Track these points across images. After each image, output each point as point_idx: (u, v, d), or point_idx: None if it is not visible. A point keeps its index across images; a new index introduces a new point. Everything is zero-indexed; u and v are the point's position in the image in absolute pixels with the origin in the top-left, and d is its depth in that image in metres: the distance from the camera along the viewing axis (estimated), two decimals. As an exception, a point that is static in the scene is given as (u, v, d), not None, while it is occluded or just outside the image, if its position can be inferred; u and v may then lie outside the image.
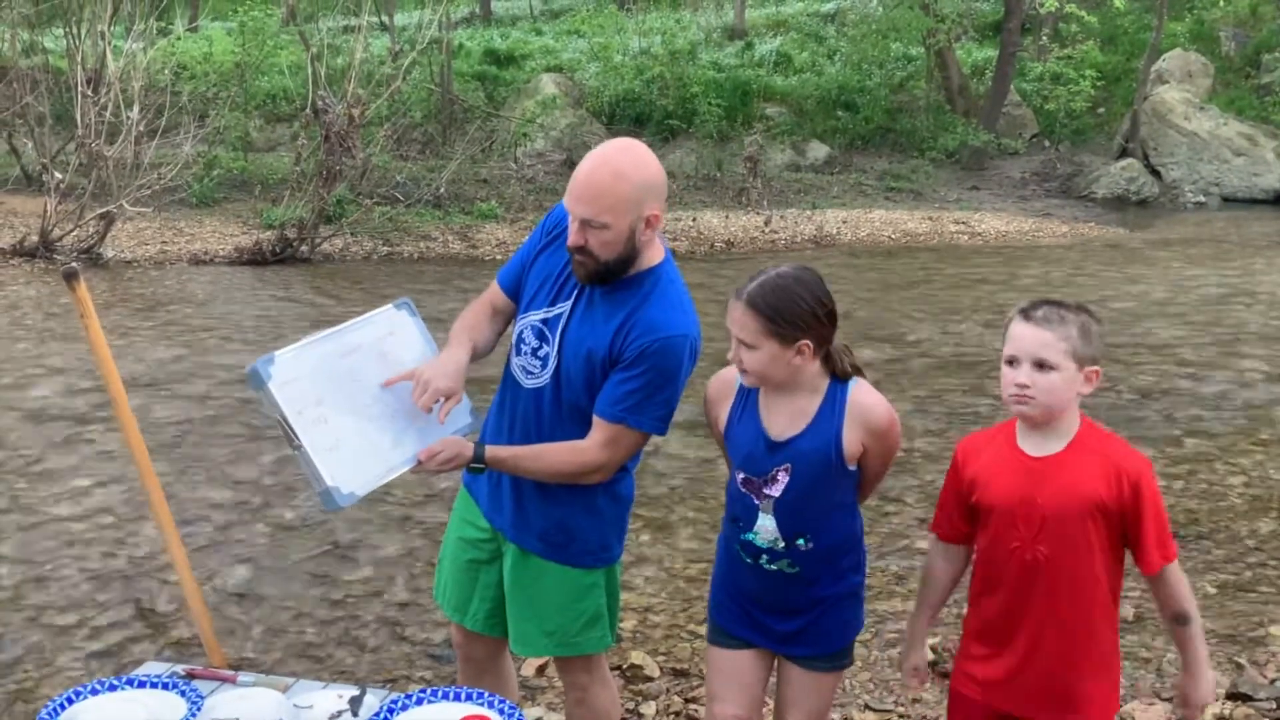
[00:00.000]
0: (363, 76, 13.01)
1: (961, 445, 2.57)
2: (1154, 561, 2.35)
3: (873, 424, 2.50)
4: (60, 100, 13.42)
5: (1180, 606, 2.39)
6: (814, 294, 2.43)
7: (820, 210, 15.84)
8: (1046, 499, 2.35)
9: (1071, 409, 2.37)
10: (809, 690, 2.67)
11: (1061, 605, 2.39)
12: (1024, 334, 2.34)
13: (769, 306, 2.39)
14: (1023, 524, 2.37)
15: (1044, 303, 2.38)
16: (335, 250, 12.32)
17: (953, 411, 7.18)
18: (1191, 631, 2.40)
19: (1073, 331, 2.31)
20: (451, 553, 2.86)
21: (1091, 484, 2.32)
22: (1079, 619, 2.40)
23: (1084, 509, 2.32)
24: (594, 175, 2.43)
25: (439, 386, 2.51)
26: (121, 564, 4.75)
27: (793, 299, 2.40)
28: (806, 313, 2.41)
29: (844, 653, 2.71)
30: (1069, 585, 2.37)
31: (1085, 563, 2.35)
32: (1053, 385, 2.31)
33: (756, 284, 2.41)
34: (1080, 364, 2.32)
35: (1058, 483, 2.34)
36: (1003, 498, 2.41)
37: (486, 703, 2.39)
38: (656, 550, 5.01)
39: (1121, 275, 12.43)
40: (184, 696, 2.37)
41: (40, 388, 7.07)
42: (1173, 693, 3.87)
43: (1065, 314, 2.34)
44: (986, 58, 22.45)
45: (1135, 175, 19.31)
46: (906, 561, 4.95)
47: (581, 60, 21.21)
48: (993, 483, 2.44)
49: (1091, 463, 2.34)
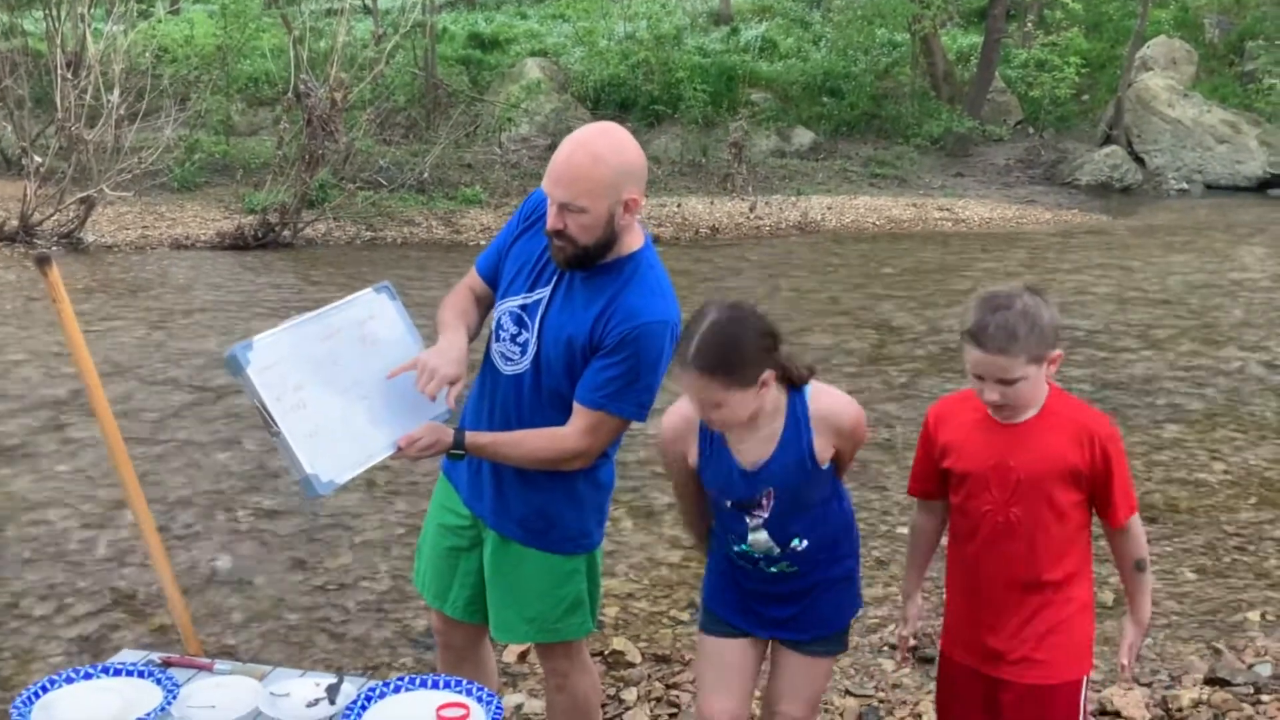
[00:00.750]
0: (345, 60, 12.92)
1: (932, 410, 2.63)
2: (1120, 515, 2.45)
3: (841, 426, 2.51)
4: (40, 83, 13.31)
5: (1141, 553, 2.52)
6: (754, 329, 2.36)
7: (805, 196, 15.83)
8: (1020, 463, 2.42)
9: (1044, 388, 2.45)
10: (804, 676, 2.68)
11: (1032, 565, 2.46)
12: (980, 360, 2.36)
13: (722, 363, 2.31)
14: (996, 488, 2.44)
15: (991, 315, 2.33)
16: (318, 235, 12.25)
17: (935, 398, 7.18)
18: (1147, 578, 2.54)
19: (1028, 343, 2.32)
20: (431, 540, 2.85)
21: (1063, 448, 2.40)
22: (1044, 576, 2.47)
23: (1058, 472, 2.40)
24: (572, 159, 2.41)
25: (446, 373, 2.49)
26: (102, 551, 4.72)
27: (738, 345, 2.32)
28: (757, 350, 2.35)
29: (840, 636, 2.73)
30: (1040, 545, 2.45)
31: (1056, 523, 2.44)
32: (1021, 391, 2.39)
33: (695, 347, 2.31)
34: (1041, 362, 2.37)
35: (1031, 447, 2.42)
36: (976, 463, 2.48)
37: (465, 690, 2.38)
38: (638, 537, 5.01)
39: (1104, 262, 12.46)
40: (160, 685, 2.36)
41: (20, 373, 7.02)
42: (1151, 678, 3.90)
43: (1015, 327, 2.31)
44: (971, 44, 22.45)
45: (1119, 162, 19.36)
46: (889, 547, 4.96)
47: (566, 45, 21.11)
48: (965, 448, 2.50)
49: (1063, 427, 2.42)
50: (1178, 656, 4.06)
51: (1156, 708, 3.68)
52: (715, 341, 2.31)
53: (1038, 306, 2.35)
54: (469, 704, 2.33)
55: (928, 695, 3.71)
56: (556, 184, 2.42)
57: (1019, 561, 2.47)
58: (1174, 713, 3.66)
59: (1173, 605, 4.45)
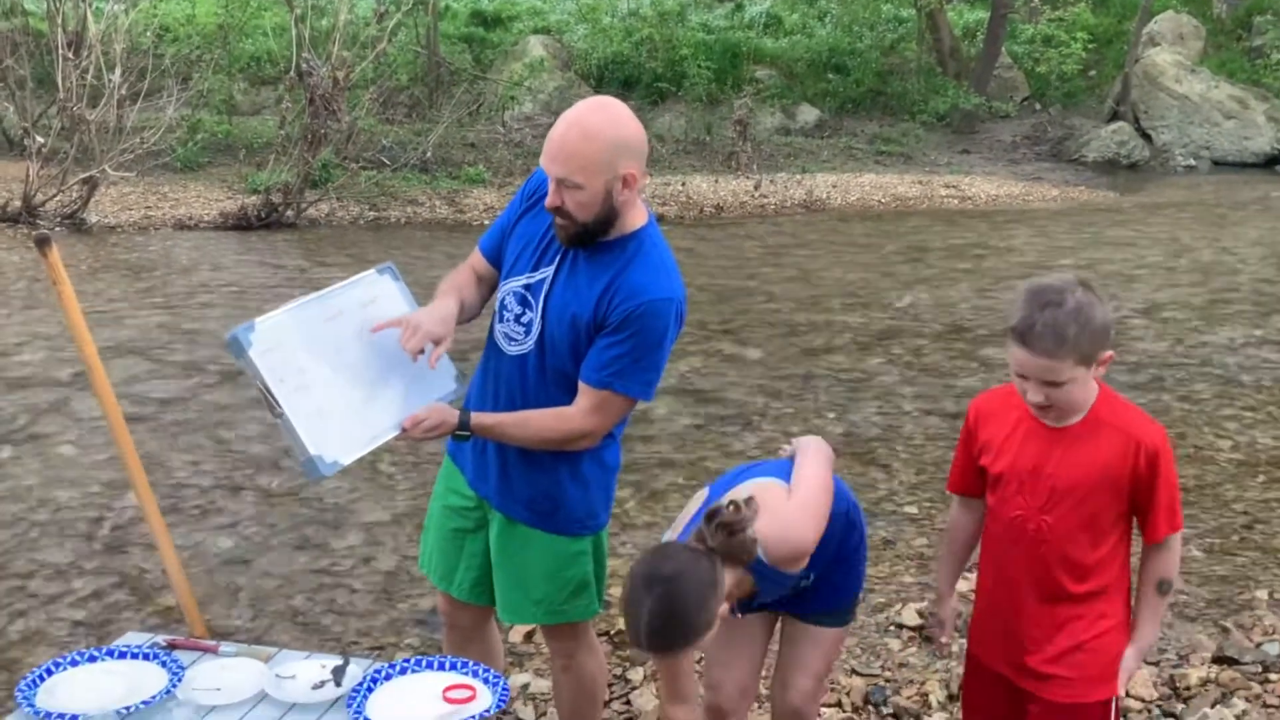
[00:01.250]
0: (348, 38, 12.83)
1: (975, 405, 2.52)
2: (1160, 531, 2.33)
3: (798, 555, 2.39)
4: (41, 63, 13.22)
5: (1170, 574, 2.38)
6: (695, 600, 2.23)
7: (810, 174, 15.75)
8: (1057, 469, 2.31)
9: (1094, 389, 2.32)
10: (814, 648, 2.68)
11: (1063, 576, 2.35)
12: (1025, 361, 2.22)
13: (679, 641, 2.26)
14: (1029, 493, 2.34)
15: (1039, 313, 2.19)
16: (321, 215, 12.21)
17: (941, 378, 7.17)
18: (1164, 603, 2.42)
19: (1078, 344, 2.18)
20: (437, 521, 2.84)
21: (1106, 457, 2.27)
22: (1074, 590, 2.36)
23: (1096, 482, 2.28)
24: (566, 135, 2.39)
25: (429, 330, 2.47)
26: (107, 532, 4.72)
27: (686, 626, 2.24)
28: (705, 615, 2.25)
29: (850, 609, 2.73)
30: (1073, 557, 2.34)
31: (1092, 535, 2.32)
32: (1068, 394, 2.26)
33: (645, 637, 2.24)
34: (1091, 363, 2.23)
35: (1072, 455, 2.30)
36: (1011, 465, 2.38)
37: (471, 672, 2.38)
38: (643, 517, 5.00)
39: (1111, 239, 12.40)
40: (165, 667, 2.35)
41: (25, 354, 7.01)
42: (1159, 657, 3.89)
43: (1064, 327, 2.17)
44: (978, 19, 22.28)
45: (1126, 139, 19.23)
46: (895, 527, 4.96)
47: (570, 22, 20.97)
48: (1003, 448, 2.40)
49: (1108, 435, 2.28)
50: (1186, 635, 4.05)
51: (1164, 686, 3.67)
52: (662, 630, 2.22)
53: (1090, 304, 2.20)
54: (475, 685, 2.33)
55: (935, 675, 3.70)
56: (552, 161, 2.40)
57: (1049, 572, 2.36)
58: (1182, 691, 3.65)
59: (1179, 584, 4.43)
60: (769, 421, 6.28)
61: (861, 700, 3.59)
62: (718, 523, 2.30)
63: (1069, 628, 2.37)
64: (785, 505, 2.39)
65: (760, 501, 2.37)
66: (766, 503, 2.37)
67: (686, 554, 2.28)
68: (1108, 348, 2.25)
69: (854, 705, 3.57)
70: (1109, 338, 2.25)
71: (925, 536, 4.86)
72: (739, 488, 2.51)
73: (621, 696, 3.59)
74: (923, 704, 3.57)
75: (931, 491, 5.35)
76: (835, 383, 7.03)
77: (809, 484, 2.45)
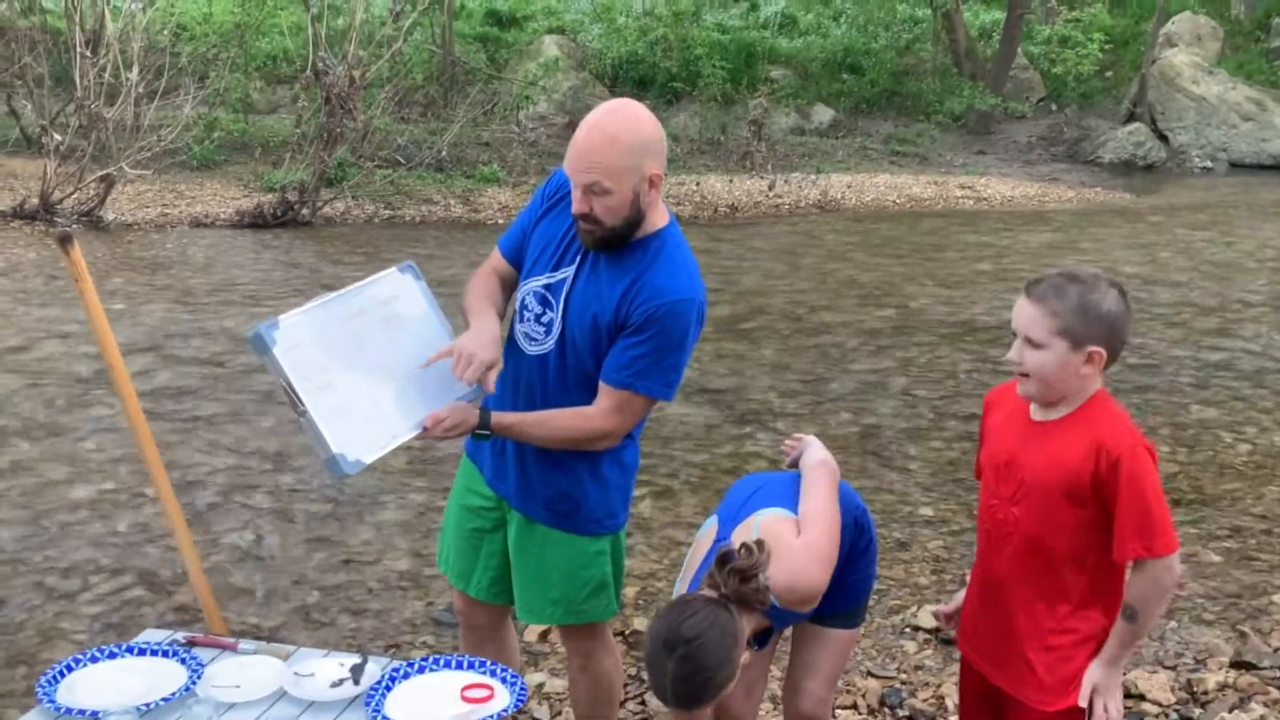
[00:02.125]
0: (363, 37, 12.86)
1: (989, 394, 2.53)
2: (1127, 550, 2.20)
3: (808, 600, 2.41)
4: (59, 61, 13.28)
5: (1135, 601, 2.22)
6: (717, 656, 2.24)
7: (825, 174, 15.72)
8: (1028, 463, 2.29)
9: (1080, 385, 2.26)
10: (826, 649, 2.68)
11: (1024, 572, 2.32)
12: (1019, 308, 2.25)
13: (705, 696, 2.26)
14: (1004, 483, 2.34)
15: (1056, 275, 2.24)
16: (336, 213, 12.25)
17: (955, 379, 7.15)
18: (1129, 630, 2.24)
19: (1067, 308, 2.18)
20: (454, 521, 2.84)
21: (1071, 457, 2.22)
22: (1040, 591, 2.31)
23: (1060, 481, 2.24)
24: (589, 141, 2.39)
25: (483, 358, 2.46)
26: (124, 529, 4.74)
27: (709, 682, 2.24)
28: (727, 668, 2.25)
29: (860, 610, 2.72)
30: (1034, 554, 2.30)
31: (1056, 536, 2.27)
32: (1041, 363, 2.22)
33: (671, 695, 2.25)
34: (1075, 343, 2.19)
35: (1042, 450, 2.28)
36: (994, 454, 2.39)
37: (489, 671, 2.38)
38: (658, 517, 5.00)
39: (1127, 241, 12.35)
40: (184, 665, 2.36)
41: (42, 351, 7.04)
42: (1176, 661, 3.87)
43: (1067, 289, 2.19)
44: (994, 20, 22.22)
45: (1142, 140, 19.15)
46: (910, 529, 4.94)
47: (584, 21, 20.98)
48: (993, 437, 2.43)
49: (1079, 435, 2.23)
50: (1202, 640, 4.03)
51: (1181, 690, 3.66)
52: (687, 690, 2.23)
53: (1104, 295, 2.20)
54: (493, 685, 2.33)
55: (950, 677, 3.69)
56: (577, 168, 2.40)
57: (1019, 568, 2.32)
58: (1199, 696, 3.63)
59: (1197, 588, 4.42)
60: (783, 421, 6.27)
61: (877, 702, 3.58)
62: (730, 569, 2.30)
63: (1038, 629, 2.33)
64: (795, 551, 2.38)
65: (770, 545, 2.36)
66: (776, 548, 2.36)
67: (704, 609, 2.25)
68: (1100, 344, 2.20)
69: (869, 707, 3.57)
70: (1106, 335, 2.21)
71: (941, 539, 4.85)
72: (747, 524, 2.49)
73: (636, 696, 3.59)
74: (939, 707, 3.56)
75: (947, 493, 5.33)
76: (849, 383, 7.01)
77: (817, 523, 2.45)
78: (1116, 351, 2.25)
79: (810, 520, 2.46)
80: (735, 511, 2.59)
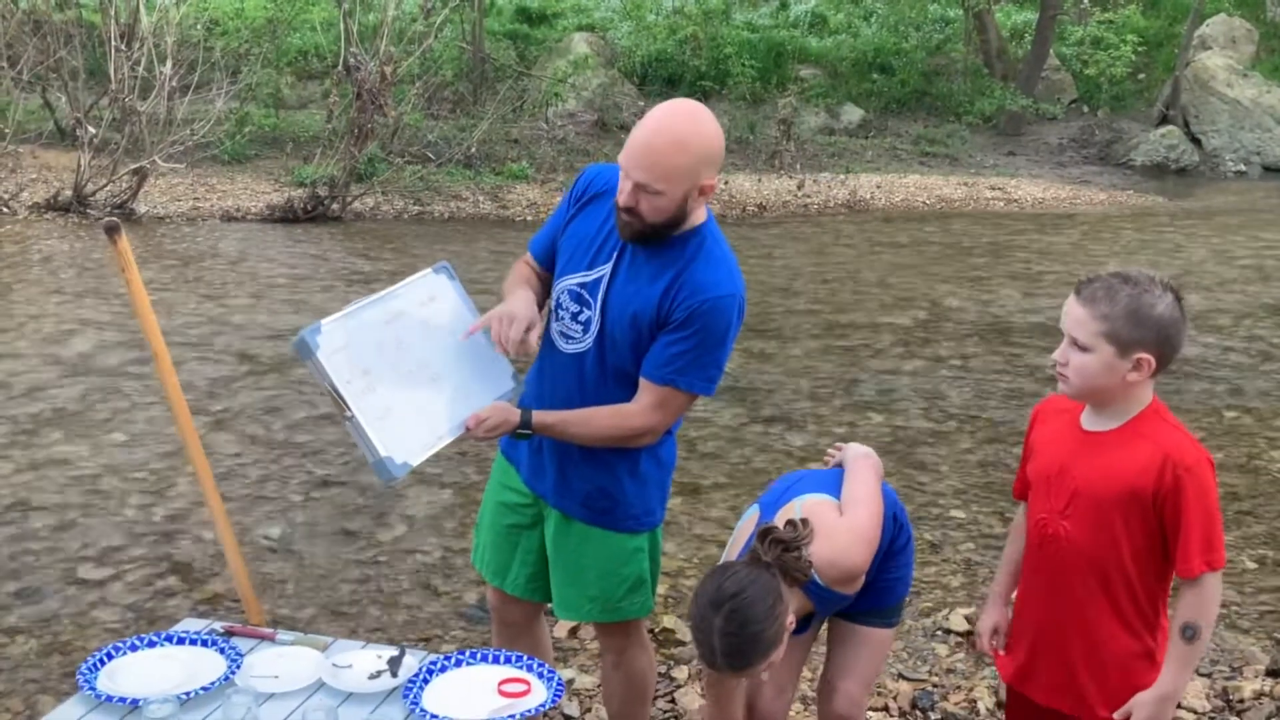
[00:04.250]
0: (394, 34, 12.90)
1: (1037, 407, 2.48)
2: (1193, 565, 2.14)
3: (851, 575, 2.42)
4: (94, 55, 13.39)
5: (1196, 619, 2.16)
6: (763, 614, 2.28)
7: (854, 174, 15.66)
8: (1081, 474, 2.23)
9: (1128, 392, 2.20)
10: (862, 648, 2.66)
11: (1076, 588, 2.26)
12: (1068, 307, 2.20)
13: (754, 657, 2.29)
14: (1054, 495, 2.28)
15: (1109, 275, 2.18)
16: (366, 209, 12.30)
17: (986, 381, 7.10)
18: (1190, 651, 2.17)
19: (1115, 311, 2.12)
20: (490, 518, 2.84)
21: (1131, 469, 2.16)
22: (1092, 608, 2.26)
23: (1117, 494, 2.17)
24: (655, 141, 2.35)
25: (524, 316, 2.47)
26: (157, 518, 4.77)
27: (757, 639, 2.29)
28: (773, 629, 2.30)
29: (896, 610, 2.71)
30: (1087, 569, 2.24)
31: (1109, 550, 2.21)
32: (1084, 366, 2.17)
33: (721, 654, 2.28)
34: (1121, 348, 2.13)
35: (1098, 461, 2.21)
36: (1044, 465, 2.33)
37: (525, 666, 2.38)
38: (688, 515, 5.00)
39: (1160, 244, 12.24)
40: (223, 654, 2.37)
41: (76, 341, 7.10)
42: (1212, 669, 3.83)
43: (1119, 291, 2.13)
44: (1026, 20, 22.05)
45: (1175, 143, 18.97)
46: (941, 531, 4.91)
47: (614, 19, 20.97)
48: (1043, 449, 2.37)
49: (1140, 447, 2.17)
50: (1238, 647, 3.98)
51: (1217, 699, 3.62)
52: (736, 646, 2.26)
53: (1158, 299, 2.14)
54: (530, 679, 2.33)
55: (983, 681, 3.67)
56: (637, 165, 2.36)
57: (1069, 583, 2.26)
58: (1235, 704, 3.59)
59: (1233, 595, 4.36)
60: (813, 421, 6.25)
61: (909, 705, 3.56)
62: (772, 539, 2.33)
63: (1092, 646, 2.28)
64: (837, 529, 2.40)
65: (813, 523, 2.39)
66: (819, 526, 2.39)
67: (747, 569, 2.31)
68: (1150, 351, 2.14)
69: (901, 710, 3.55)
70: (1157, 341, 2.14)
71: (973, 541, 4.82)
72: (791, 505, 2.51)
73: (666, 695, 3.58)
74: (971, 710, 3.54)
75: (978, 495, 5.30)
76: (879, 383, 6.98)
77: (860, 505, 2.46)
78: (1167, 359, 2.19)
79: (853, 503, 2.48)
80: (777, 498, 2.60)
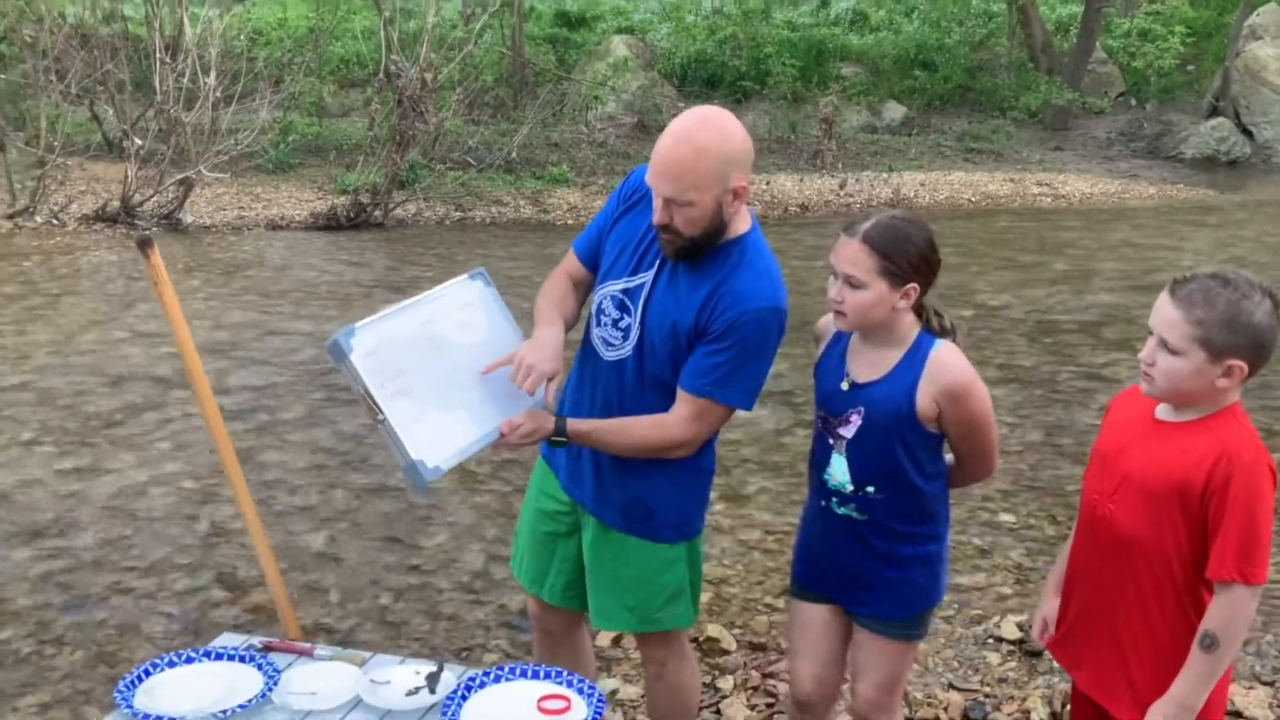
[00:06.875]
0: (435, 40, 12.97)
1: (1116, 396, 2.42)
2: (1223, 569, 2.05)
3: (945, 384, 2.42)
4: (139, 67, 13.59)
5: (1216, 629, 2.07)
6: (926, 238, 2.42)
7: (897, 173, 15.52)
8: (1135, 460, 2.18)
9: (1214, 398, 2.12)
10: (877, 656, 2.60)
11: (1119, 574, 2.21)
12: (1160, 306, 2.11)
13: (885, 245, 2.36)
14: (1107, 475, 2.24)
15: (1206, 277, 2.08)
16: (408, 215, 12.36)
17: (1037, 383, 6.98)
18: (1206, 662, 2.08)
19: (1211, 317, 2.03)
20: (529, 525, 2.81)
21: (1185, 462, 2.09)
22: (1135, 594, 2.20)
23: (1165, 486, 2.11)
24: (674, 152, 2.31)
25: (543, 369, 2.42)
26: (202, 529, 4.79)
27: (907, 240, 2.38)
28: (918, 256, 2.39)
29: (914, 621, 2.61)
30: (1132, 555, 2.18)
31: (1156, 539, 2.14)
32: (1173, 369, 2.09)
33: (871, 223, 2.39)
34: (1214, 354, 2.05)
35: (1156, 450, 2.16)
36: (1107, 442, 2.28)
37: (565, 681, 2.34)
38: (731, 521, 4.94)
39: (1212, 239, 12.00)
40: (260, 670, 2.35)
41: (123, 352, 7.17)
42: (1274, 676, 3.71)
43: (1217, 296, 2.04)
44: (1071, 13, 21.77)
45: (1226, 135, 18.62)
46: (990, 536, 4.82)
47: (653, 21, 20.98)
48: (1110, 431, 2.32)
49: (1201, 442, 2.10)
50: (1302, 655, 3.86)
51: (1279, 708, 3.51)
52: (887, 225, 2.38)
53: (1257, 305, 2.04)
54: (570, 695, 2.29)
55: (1036, 691, 3.58)
56: (661, 179, 2.33)
57: (1112, 566, 2.21)
58: (1299, 714, 3.48)
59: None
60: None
61: (960, 716, 3.48)
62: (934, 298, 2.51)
63: (1129, 634, 2.23)
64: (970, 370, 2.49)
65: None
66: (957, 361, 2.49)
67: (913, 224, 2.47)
68: (1243, 358, 2.06)
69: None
70: (1251, 348, 2.06)
71: (1023, 545, 4.72)
72: None
73: (711, 705, 3.53)
74: (1024, 721, 3.45)
75: (1028, 499, 5.19)
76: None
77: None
78: (1259, 367, 2.10)
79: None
80: None
